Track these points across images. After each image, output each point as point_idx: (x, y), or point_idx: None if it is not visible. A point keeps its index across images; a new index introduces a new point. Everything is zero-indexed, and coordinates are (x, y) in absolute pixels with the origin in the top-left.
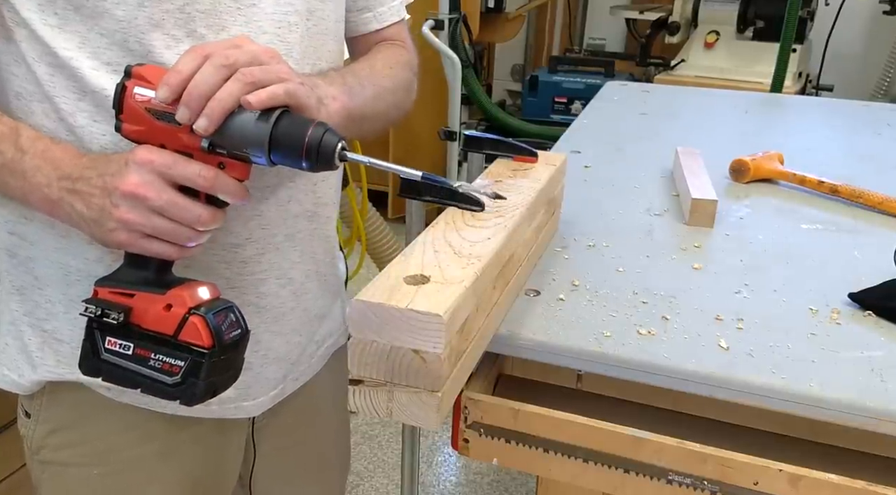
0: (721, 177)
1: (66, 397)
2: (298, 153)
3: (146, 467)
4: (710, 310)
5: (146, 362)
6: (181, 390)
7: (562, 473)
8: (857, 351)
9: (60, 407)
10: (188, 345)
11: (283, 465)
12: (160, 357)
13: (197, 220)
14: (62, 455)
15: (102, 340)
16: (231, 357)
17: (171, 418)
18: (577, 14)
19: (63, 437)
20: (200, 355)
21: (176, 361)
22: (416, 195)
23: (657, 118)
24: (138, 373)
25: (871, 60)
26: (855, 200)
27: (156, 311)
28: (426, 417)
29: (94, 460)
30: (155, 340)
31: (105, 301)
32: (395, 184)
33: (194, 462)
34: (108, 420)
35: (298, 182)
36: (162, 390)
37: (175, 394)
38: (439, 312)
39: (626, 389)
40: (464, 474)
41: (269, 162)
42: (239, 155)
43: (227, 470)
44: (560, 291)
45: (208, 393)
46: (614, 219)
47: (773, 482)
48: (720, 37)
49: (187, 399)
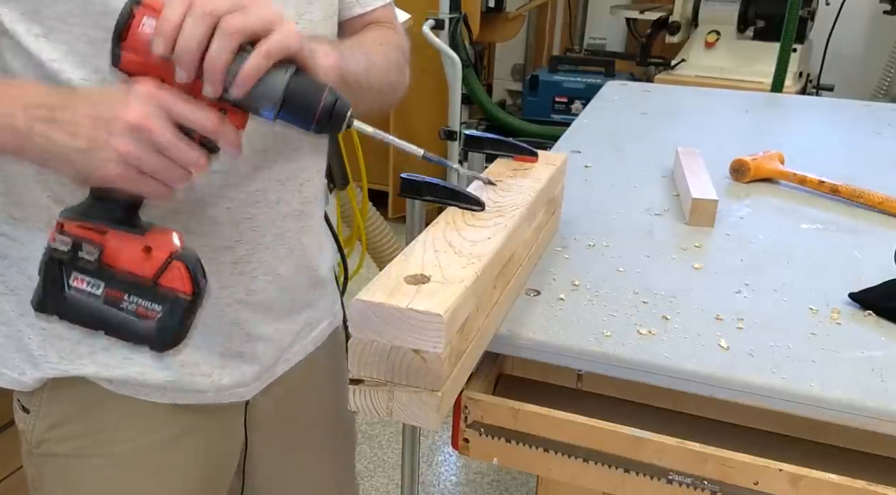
0: (721, 177)
1: (66, 392)
2: (311, 115)
3: (147, 458)
4: (711, 310)
5: (118, 305)
6: (154, 336)
7: (562, 473)
8: (857, 351)
9: (61, 401)
10: (169, 291)
11: (278, 448)
12: (134, 300)
13: (195, 163)
14: (65, 447)
15: (68, 277)
16: (198, 305)
17: (172, 408)
18: (578, 14)
19: (65, 430)
20: (181, 302)
21: (153, 306)
22: (416, 195)
23: (657, 118)
24: (106, 316)
25: (872, 60)
26: (855, 200)
27: (133, 253)
28: (426, 417)
29: (97, 451)
30: (130, 283)
31: (77, 236)
32: (395, 183)
33: (195, 451)
34: (109, 412)
35: (287, 185)
36: (132, 334)
37: (146, 340)
38: (439, 312)
39: (626, 389)
40: (464, 474)
41: (274, 118)
42: (246, 106)
43: (228, 458)
44: (560, 291)
45: (179, 340)
46: (614, 219)
47: (773, 482)
48: (721, 36)
49: (160, 345)
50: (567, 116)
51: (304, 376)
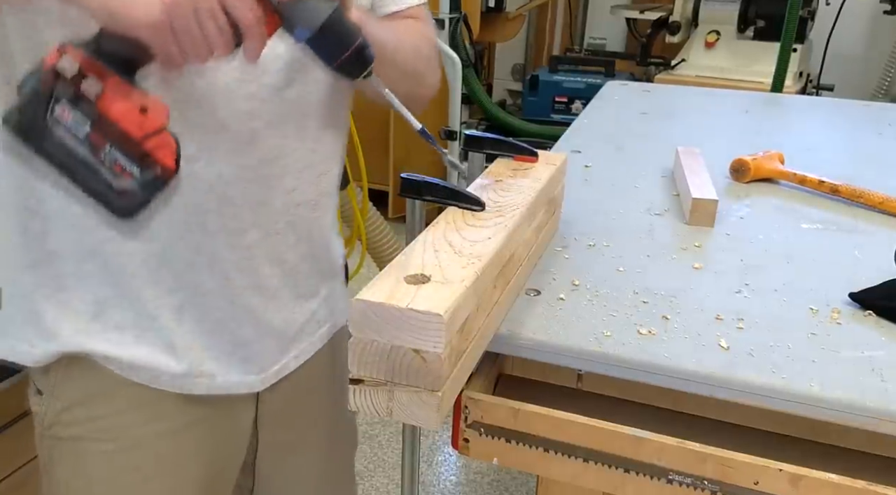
0: (721, 177)
1: (78, 374)
2: (340, 52)
3: (155, 446)
4: (711, 310)
5: (96, 152)
6: (119, 199)
7: (562, 473)
8: (857, 350)
9: (73, 383)
10: (151, 159)
11: (286, 447)
12: (115, 154)
13: (222, 45)
14: (75, 430)
15: (54, 105)
16: (169, 188)
17: (182, 398)
18: (578, 13)
19: (76, 413)
20: (160, 173)
21: (131, 167)
22: (416, 195)
23: (657, 118)
24: (81, 159)
25: (872, 60)
26: (855, 200)
27: (129, 108)
28: (426, 417)
29: (106, 436)
30: (116, 135)
31: (83, 67)
32: (395, 183)
33: (203, 442)
34: (119, 398)
35: (304, 174)
36: (99, 188)
37: (110, 199)
38: (440, 312)
39: (626, 389)
40: (464, 474)
41: (305, 42)
42: (286, 16)
43: (235, 452)
44: (560, 291)
45: (136, 214)
46: (615, 219)
47: (773, 482)
48: (721, 36)
49: (120, 211)
50: (567, 116)
51: (312, 374)
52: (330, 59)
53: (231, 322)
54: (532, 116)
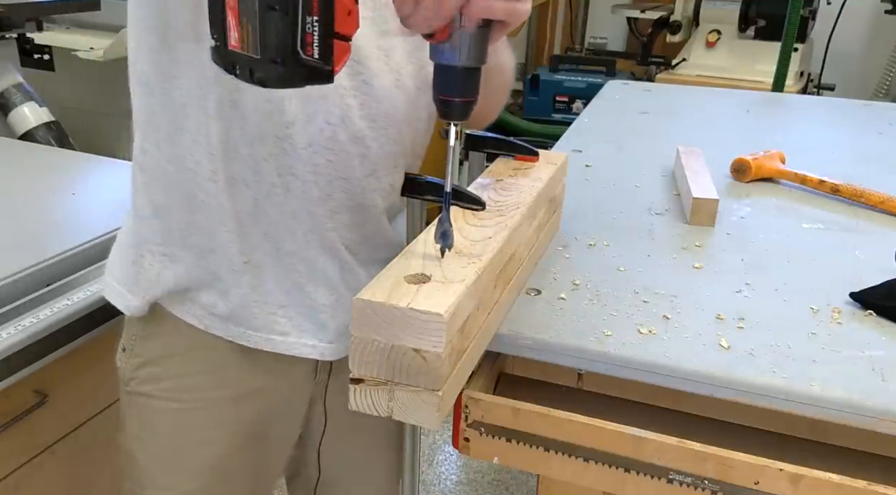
0: (722, 176)
1: (156, 334)
2: (456, 94)
3: (217, 409)
4: (711, 310)
5: (308, 11)
6: (282, 65)
7: (562, 472)
8: (858, 350)
9: (152, 343)
10: (331, 54)
11: (349, 430)
12: (316, 26)
13: (445, 18)
14: (147, 388)
15: None
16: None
17: (247, 367)
18: (579, 13)
19: (150, 371)
20: (326, 71)
21: (316, 45)
22: (417, 194)
23: (658, 117)
24: (292, 5)
25: (873, 60)
26: (856, 200)
27: (344, 2)
28: (427, 416)
29: (173, 395)
30: (327, 13)
31: None
32: None
33: (261, 413)
34: (189, 361)
35: (382, 162)
36: (276, 44)
37: (274, 58)
38: (440, 311)
39: (626, 388)
40: (464, 473)
41: (441, 63)
42: (450, 33)
43: (291, 427)
44: (561, 290)
45: (280, 87)
46: (615, 219)
47: (773, 481)
48: (722, 36)
49: (272, 75)
50: (568, 116)
51: None
52: (442, 90)
53: (308, 285)
54: (533, 116)
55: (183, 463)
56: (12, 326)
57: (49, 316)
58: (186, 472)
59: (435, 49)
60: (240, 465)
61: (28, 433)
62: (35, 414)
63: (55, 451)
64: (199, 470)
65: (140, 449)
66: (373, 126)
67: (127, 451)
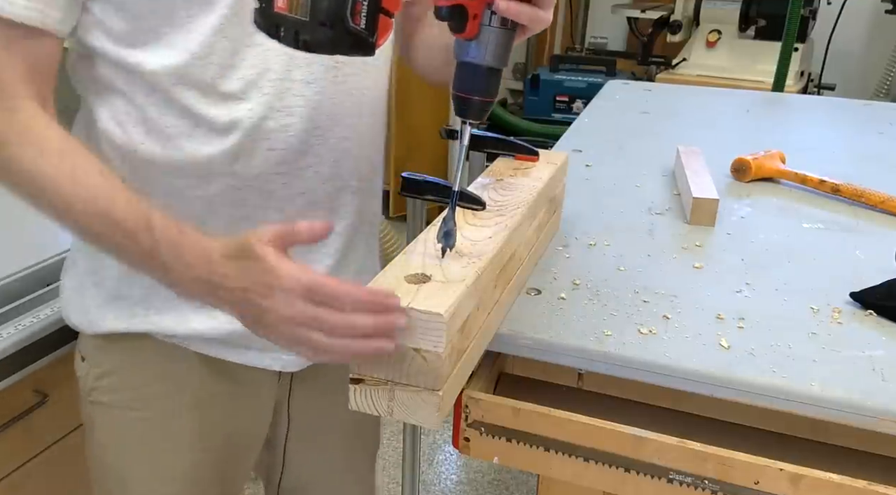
0: (722, 176)
1: (116, 344)
2: (477, 92)
3: (179, 416)
4: (712, 309)
5: None
6: (330, 29)
7: (562, 472)
8: (858, 350)
9: (110, 353)
10: (375, 27)
11: (317, 433)
12: None
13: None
14: (109, 397)
15: None
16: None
17: (209, 373)
18: (579, 13)
19: (110, 381)
20: (369, 42)
21: (363, 16)
22: (417, 194)
23: (658, 117)
24: None
25: (873, 59)
26: (856, 199)
27: None
28: (427, 416)
29: (134, 405)
30: None
31: None
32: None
33: (225, 417)
34: (148, 369)
35: (341, 161)
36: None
37: (323, 21)
38: (440, 311)
39: (626, 388)
40: (465, 472)
41: (466, 61)
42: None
43: (257, 429)
44: (561, 290)
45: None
46: (615, 218)
47: (773, 481)
48: (722, 36)
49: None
50: (568, 115)
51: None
52: (462, 87)
53: None
54: (533, 115)
55: (154, 471)
56: (12, 326)
57: (49, 316)
58: (158, 480)
59: (461, 46)
60: (209, 471)
61: (28, 433)
62: (35, 414)
63: (55, 451)
64: (172, 478)
65: (110, 459)
66: None
67: (96, 461)
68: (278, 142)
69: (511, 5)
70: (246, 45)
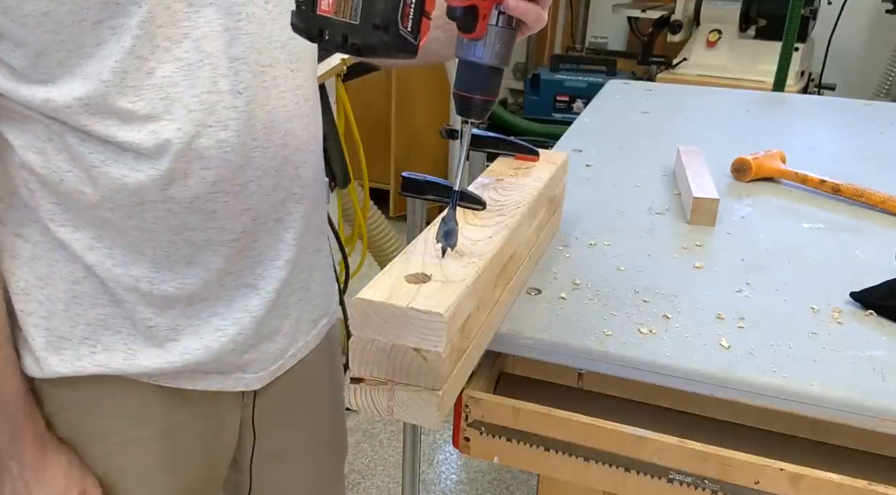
0: (723, 176)
1: (66, 386)
2: (479, 92)
3: (142, 450)
4: (712, 309)
5: None
6: (383, 32)
7: (563, 472)
8: (858, 350)
9: (63, 390)
10: (419, 29)
11: (282, 447)
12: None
13: None
14: (66, 432)
15: None
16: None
17: (169, 401)
18: (579, 12)
19: (66, 415)
20: (412, 44)
21: (411, 18)
22: (417, 194)
23: (659, 117)
24: None
25: (874, 59)
26: (857, 199)
27: None
28: (427, 416)
29: (93, 440)
30: None
31: None
32: (396, 182)
33: (189, 444)
34: (105, 406)
35: (282, 170)
36: (382, 10)
37: (377, 24)
38: (440, 311)
39: (627, 388)
40: (465, 472)
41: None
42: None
43: (224, 451)
44: (561, 290)
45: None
46: (616, 218)
47: (774, 481)
48: (722, 35)
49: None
50: (568, 115)
51: (306, 375)
52: (464, 87)
53: (229, 327)
54: (533, 115)
55: None
56: None
57: None
58: None
59: (466, 46)
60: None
61: None
62: None
63: None
64: None
65: None
66: None
67: None
68: (214, 160)
69: (520, 4)
70: (163, 62)
